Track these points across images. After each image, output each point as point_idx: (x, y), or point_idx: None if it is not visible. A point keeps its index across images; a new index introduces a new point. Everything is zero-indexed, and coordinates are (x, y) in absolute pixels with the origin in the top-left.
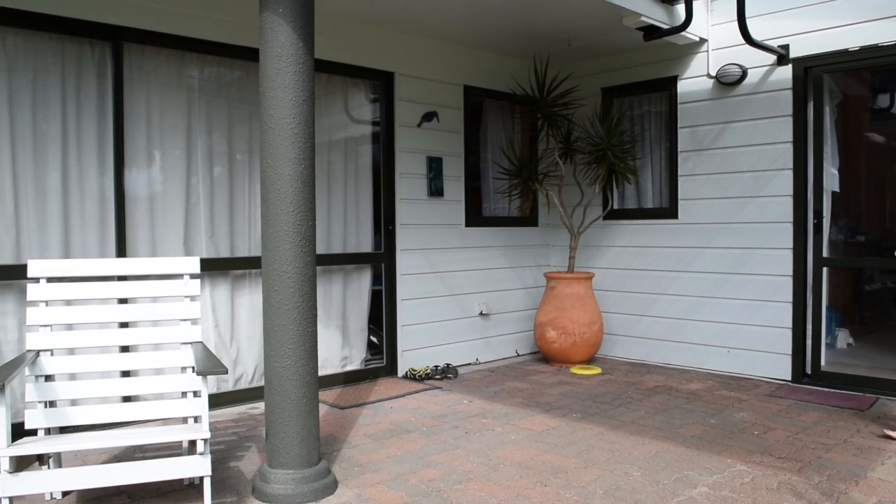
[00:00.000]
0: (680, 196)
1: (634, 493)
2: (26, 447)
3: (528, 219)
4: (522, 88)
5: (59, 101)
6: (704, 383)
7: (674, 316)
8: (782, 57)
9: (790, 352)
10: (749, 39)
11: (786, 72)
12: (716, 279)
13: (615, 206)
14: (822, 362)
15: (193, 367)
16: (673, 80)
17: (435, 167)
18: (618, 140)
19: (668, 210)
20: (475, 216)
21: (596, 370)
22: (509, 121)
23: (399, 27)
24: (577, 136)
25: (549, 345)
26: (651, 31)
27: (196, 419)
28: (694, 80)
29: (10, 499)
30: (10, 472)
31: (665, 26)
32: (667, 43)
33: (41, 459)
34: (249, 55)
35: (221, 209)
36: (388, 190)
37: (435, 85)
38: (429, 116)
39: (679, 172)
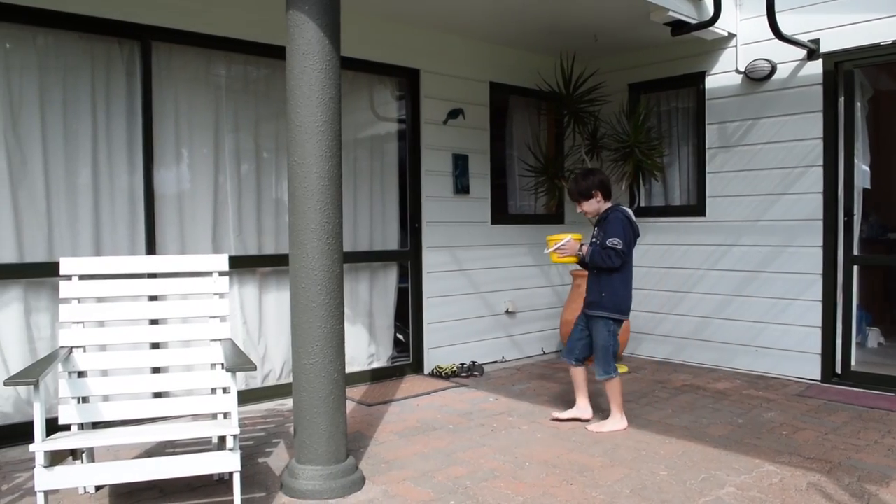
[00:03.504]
0: (707, 193)
1: (661, 493)
2: (60, 442)
3: (554, 216)
4: (549, 85)
5: (89, 99)
6: (732, 382)
7: (701, 314)
8: (812, 52)
9: (819, 351)
10: (778, 34)
11: (816, 67)
12: (744, 277)
13: (642, 204)
14: (853, 362)
15: (223, 364)
16: (701, 76)
17: (461, 164)
18: (645, 137)
19: (696, 207)
20: (501, 213)
21: (622, 368)
22: (535, 117)
23: (425, 24)
24: (604, 132)
25: None
26: (679, 27)
27: (225, 415)
28: (722, 76)
29: (45, 492)
30: (44, 467)
31: (693, 21)
32: (695, 38)
33: (74, 454)
34: (276, 53)
35: (249, 207)
36: (413, 187)
37: (461, 82)
38: (454, 113)
39: (707, 169)
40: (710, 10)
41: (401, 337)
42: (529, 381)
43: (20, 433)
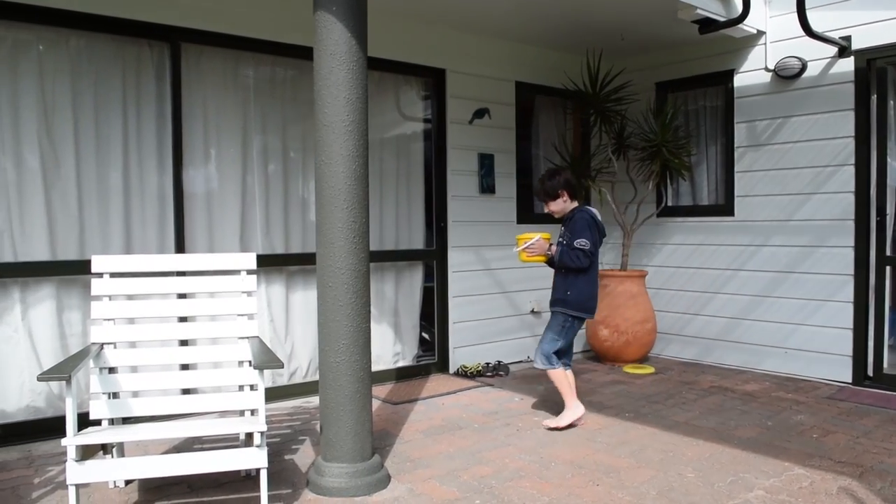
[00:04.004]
0: (736, 193)
1: (688, 495)
2: (92, 437)
3: None
4: (575, 84)
5: (119, 102)
6: (761, 384)
7: (729, 315)
8: (844, 49)
9: (851, 353)
10: (809, 31)
11: (847, 64)
12: (773, 278)
13: (669, 203)
14: (885, 364)
15: (250, 362)
16: (729, 74)
17: (486, 164)
18: (672, 136)
19: (724, 207)
20: (526, 213)
21: (649, 369)
22: (561, 117)
23: (451, 24)
24: (631, 131)
25: (602, 343)
26: (707, 24)
27: (253, 412)
28: (751, 74)
29: (77, 486)
30: (76, 461)
31: (721, 19)
32: (723, 36)
33: (105, 448)
34: (303, 54)
35: (276, 206)
36: (439, 187)
37: (486, 81)
38: (480, 113)
39: (735, 168)
40: (739, 8)
41: (426, 336)
42: None
43: (52, 427)
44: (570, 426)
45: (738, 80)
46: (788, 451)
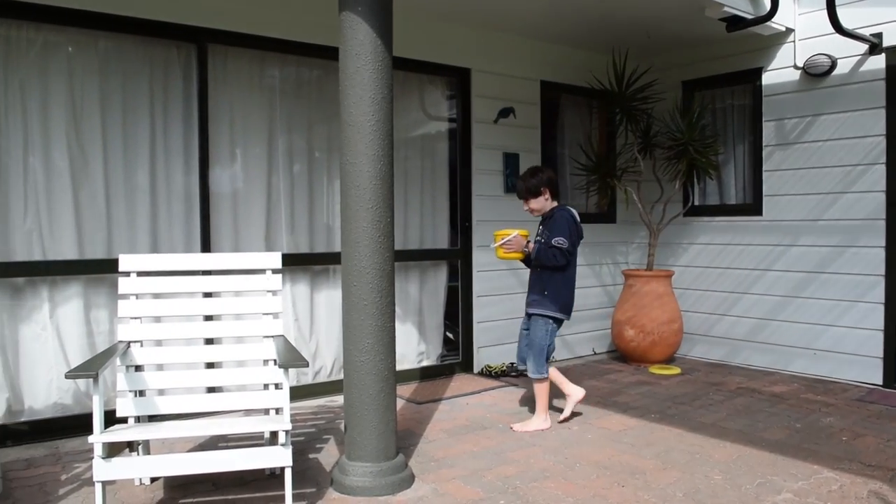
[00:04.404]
0: (764, 192)
1: (715, 498)
2: (118, 434)
3: (605, 215)
4: (600, 83)
5: (147, 102)
6: (789, 386)
7: (757, 316)
8: (875, 46)
9: (881, 355)
10: (839, 28)
11: (878, 61)
12: (801, 278)
13: (696, 203)
14: None
15: (275, 360)
16: (757, 72)
17: (511, 163)
18: (699, 134)
19: (752, 206)
20: None
21: (675, 370)
22: (587, 116)
23: (476, 23)
24: (657, 130)
25: (627, 343)
26: (734, 22)
27: (277, 411)
28: (780, 72)
29: (103, 483)
30: (103, 458)
31: (749, 16)
32: (751, 33)
33: (131, 446)
34: (328, 54)
35: (301, 206)
36: (464, 186)
37: (511, 80)
38: (505, 112)
39: (763, 167)
40: (767, 5)
41: (450, 335)
42: (580, 381)
43: (79, 424)
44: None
45: (767, 78)
46: (817, 454)
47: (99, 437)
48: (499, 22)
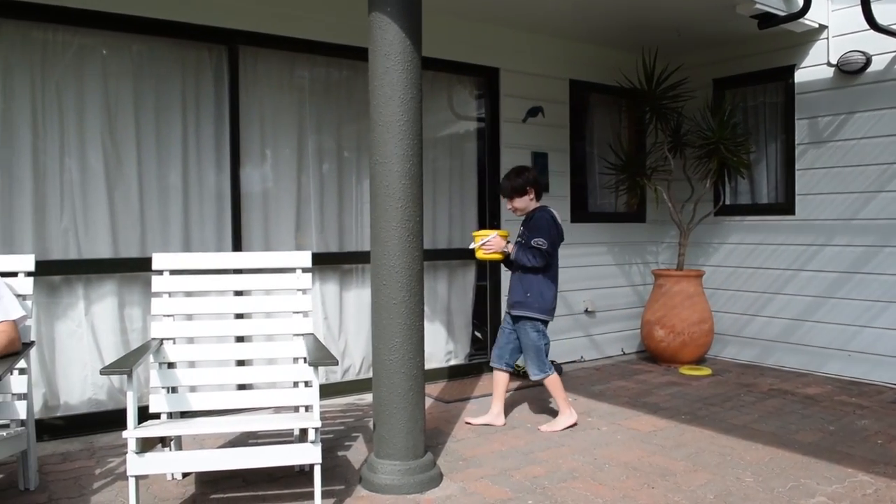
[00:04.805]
0: (797, 191)
1: (747, 500)
2: (151, 430)
3: (635, 215)
4: (630, 81)
5: (179, 104)
6: (822, 388)
7: (789, 317)
8: None
9: None
10: (873, 24)
11: None
12: (835, 279)
13: (727, 202)
14: None
15: (305, 358)
16: (790, 70)
17: (540, 162)
18: (730, 133)
19: (784, 206)
20: (581, 211)
21: (706, 371)
22: (616, 115)
23: (504, 22)
24: (687, 129)
25: (657, 344)
26: (767, 19)
27: (307, 408)
28: (813, 69)
29: (136, 477)
30: (136, 453)
31: (781, 13)
32: (783, 30)
33: (164, 441)
34: (357, 54)
35: (330, 205)
36: (492, 186)
37: (540, 80)
38: (534, 112)
39: (796, 166)
40: (800, 2)
41: (478, 335)
42: (609, 381)
43: (113, 420)
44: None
45: (799, 76)
46: (852, 457)
47: (133, 433)
48: (528, 21)
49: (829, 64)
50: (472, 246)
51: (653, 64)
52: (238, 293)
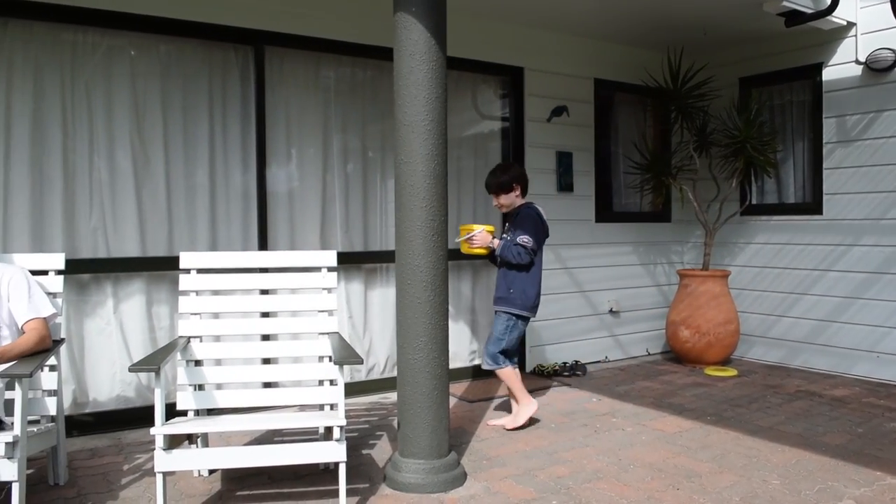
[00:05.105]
0: (825, 190)
1: (773, 503)
2: (179, 426)
3: (660, 214)
4: (655, 80)
5: (206, 103)
6: (850, 390)
7: (817, 317)
8: None
9: None
10: None
11: None
12: (864, 279)
13: (753, 202)
14: None
15: (330, 357)
16: (817, 68)
17: (564, 162)
18: (757, 132)
19: (812, 205)
20: (605, 211)
21: (731, 372)
22: (641, 114)
23: (529, 22)
24: (713, 128)
25: (682, 344)
26: (794, 17)
27: (332, 406)
28: (841, 67)
29: (164, 473)
30: (164, 449)
31: (809, 11)
32: (810, 28)
33: (190, 438)
34: (382, 54)
35: (355, 205)
36: None
37: (565, 79)
38: (558, 111)
39: (824, 165)
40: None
41: None
42: (633, 381)
43: (141, 417)
44: (530, 422)
45: (827, 74)
46: (880, 459)
47: (160, 429)
48: (552, 21)
49: (857, 62)
50: (457, 240)
51: (678, 63)
52: (264, 292)
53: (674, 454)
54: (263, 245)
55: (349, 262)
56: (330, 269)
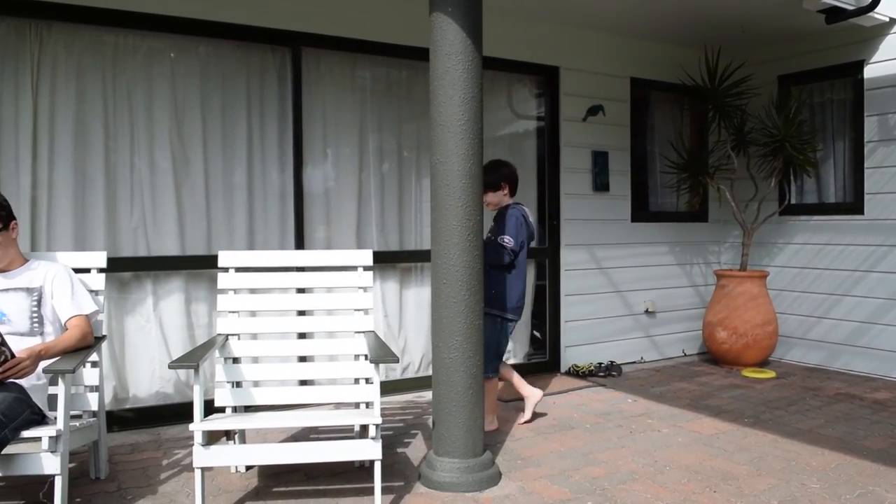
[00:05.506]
0: (866, 190)
1: None
2: (217, 423)
3: (697, 214)
4: (692, 79)
5: (244, 104)
6: (892, 393)
7: (858, 319)
8: None
9: None
10: None
11: None
12: None
13: (792, 201)
14: None
15: (366, 355)
16: (858, 65)
17: (600, 161)
18: (796, 130)
19: (853, 205)
20: (641, 211)
21: (769, 374)
22: (677, 113)
23: (565, 21)
24: (751, 127)
25: (719, 346)
26: (834, 14)
27: (367, 405)
28: (883, 65)
29: (202, 469)
30: (202, 445)
31: (850, 7)
32: (851, 25)
33: (228, 435)
34: (417, 55)
35: (391, 204)
36: (552, 185)
37: (601, 78)
38: (594, 110)
39: (865, 164)
40: None
41: (537, 334)
42: (669, 383)
43: (179, 413)
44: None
45: (869, 71)
46: None
47: (199, 426)
48: (588, 20)
49: None
50: None
51: (716, 61)
52: (300, 290)
53: (710, 456)
54: (300, 244)
55: (384, 261)
56: (366, 269)
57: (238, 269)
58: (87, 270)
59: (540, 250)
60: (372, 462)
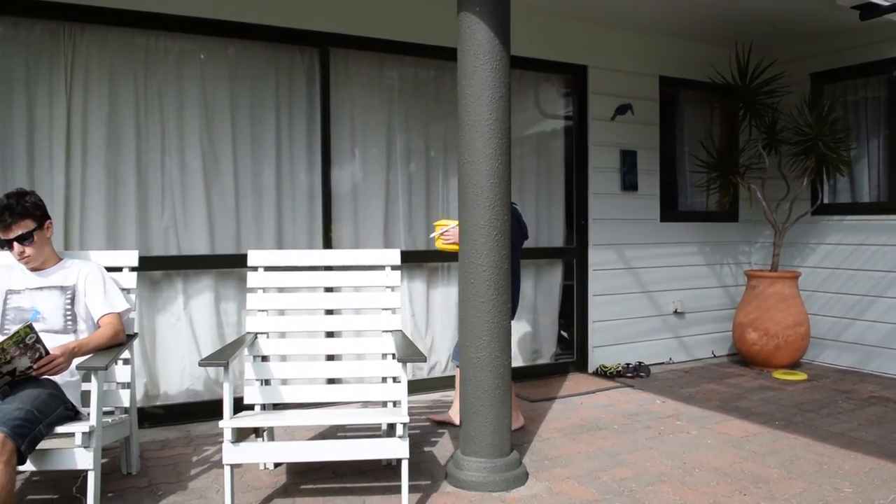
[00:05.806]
0: None
1: None
2: (246, 420)
3: (727, 214)
4: (722, 77)
5: (273, 104)
6: None
7: (892, 321)
8: None
9: None
10: None
11: None
12: None
13: (825, 201)
14: None
15: (393, 354)
16: (893, 62)
17: (629, 161)
18: (829, 129)
19: (888, 205)
20: (670, 211)
21: (801, 376)
22: (707, 111)
23: (593, 20)
24: (783, 125)
25: (749, 347)
26: (869, 10)
27: (395, 404)
28: None
29: (231, 465)
30: (231, 442)
31: (885, 3)
32: (886, 21)
33: (257, 432)
34: (445, 55)
35: (418, 204)
36: (580, 184)
37: (629, 77)
38: (623, 109)
39: None
40: None
41: (565, 334)
42: (699, 384)
43: (209, 410)
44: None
45: None
46: None
47: (229, 423)
48: (616, 18)
49: None
50: (431, 235)
51: (746, 59)
52: (328, 289)
53: (740, 459)
54: (328, 243)
55: (412, 260)
56: (393, 268)
57: (267, 268)
58: (119, 269)
59: (568, 250)
60: (399, 461)
